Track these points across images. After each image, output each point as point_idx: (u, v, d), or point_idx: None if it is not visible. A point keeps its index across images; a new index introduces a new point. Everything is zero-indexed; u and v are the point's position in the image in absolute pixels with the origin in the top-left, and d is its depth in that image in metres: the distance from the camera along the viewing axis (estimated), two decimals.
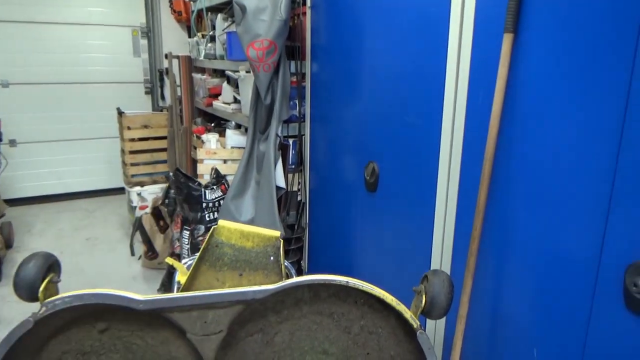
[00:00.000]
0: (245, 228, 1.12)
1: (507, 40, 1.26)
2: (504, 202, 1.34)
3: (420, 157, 1.66)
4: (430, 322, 1.64)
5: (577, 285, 1.18)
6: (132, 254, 3.36)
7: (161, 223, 3.25)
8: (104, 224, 4.29)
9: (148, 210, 3.37)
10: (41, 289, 1.01)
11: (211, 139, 3.08)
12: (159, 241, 3.27)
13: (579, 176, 1.16)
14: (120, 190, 4.67)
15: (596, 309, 1.14)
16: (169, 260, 1.20)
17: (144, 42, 5.00)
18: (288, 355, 1.14)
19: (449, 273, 1.12)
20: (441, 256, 1.57)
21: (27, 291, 1.00)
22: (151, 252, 3.28)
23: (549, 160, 1.22)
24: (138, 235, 3.31)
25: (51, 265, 1.06)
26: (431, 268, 1.63)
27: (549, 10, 1.20)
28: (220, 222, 1.13)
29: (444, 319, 1.59)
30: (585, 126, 1.14)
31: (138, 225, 3.25)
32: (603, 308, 1.12)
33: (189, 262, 1.32)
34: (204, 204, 2.52)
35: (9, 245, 3.56)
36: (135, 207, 3.76)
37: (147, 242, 3.28)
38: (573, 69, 1.16)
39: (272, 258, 1.15)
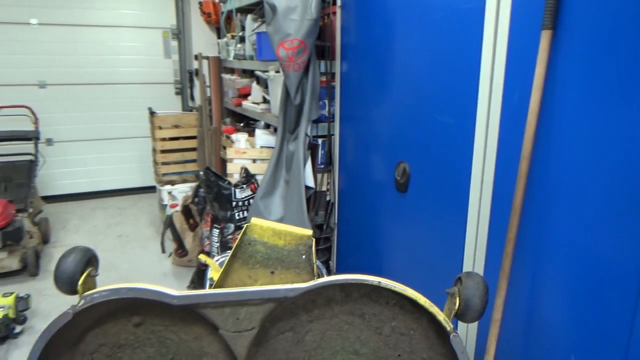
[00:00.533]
0: (277, 226, 1.13)
1: (545, 37, 1.23)
2: (541, 202, 1.31)
3: (453, 156, 1.64)
4: (462, 325, 1.61)
5: (618, 291, 1.13)
6: (163, 251, 3.42)
7: (191, 221, 3.30)
8: (136, 221, 4.39)
9: (178, 208, 3.43)
10: (80, 282, 1.03)
11: (240, 138, 3.10)
12: (188, 239, 3.32)
13: (621, 176, 1.12)
14: (151, 189, 4.77)
15: (639, 317, 1.10)
16: (203, 257, 1.21)
17: (174, 43, 5.09)
18: (319, 354, 1.14)
19: (482, 275, 1.09)
20: (474, 258, 1.54)
21: (66, 284, 1.03)
22: (181, 250, 3.34)
23: (589, 160, 1.19)
24: (168, 233, 3.38)
25: (89, 259, 1.08)
26: (464, 270, 1.60)
27: (588, 6, 1.16)
28: (253, 219, 1.13)
29: (476, 323, 1.56)
30: (627, 125, 1.10)
31: (169, 222, 3.31)
32: None
33: (221, 260, 1.34)
34: (234, 203, 2.55)
35: (45, 240, 3.68)
36: (166, 205, 3.83)
37: (178, 239, 3.33)
38: (613, 67, 1.12)
39: (303, 257, 1.15)
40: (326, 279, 1.05)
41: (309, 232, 1.13)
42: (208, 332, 1.14)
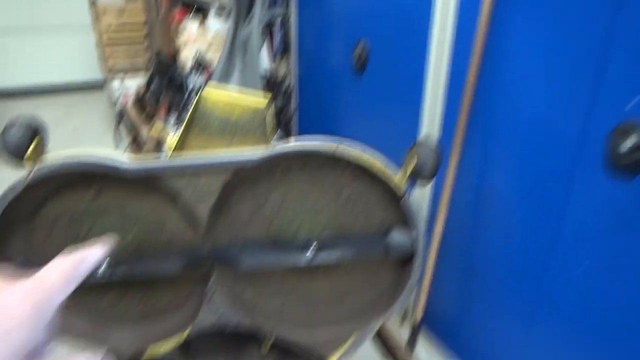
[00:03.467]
0: (231, 96, 1.10)
1: None
2: (496, 73, 1.32)
3: (411, 32, 1.60)
4: (417, 193, 1.69)
5: (560, 154, 1.21)
6: (117, 145, 3.34)
7: (146, 112, 3.19)
8: (87, 118, 4.21)
9: (131, 100, 3.29)
10: (28, 153, 0.99)
11: (191, 26, 2.92)
12: (144, 131, 3.23)
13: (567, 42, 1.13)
14: (100, 86, 4.52)
15: (579, 173, 1.18)
16: (157, 125, 1.18)
17: None
18: (280, 218, 1.18)
19: (436, 139, 1.13)
20: (430, 129, 1.57)
21: (13, 156, 0.98)
22: (137, 143, 3.26)
23: (544, 23, 1.19)
24: (122, 128, 3.27)
25: (37, 129, 1.03)
26: None
27: None
28: (207, 89, 1.10)
29: (429, 190, 1.64)
30: None
31: (121, 115, 3.19)
32: (584, 173, 1.16)
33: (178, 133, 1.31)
34: (189, 88, 2.46)
35: None
36: (118, 98, 3.67)
37: (132, 132, 3.24)
38: None
39: (260, 126, 1.14)
40: (284, 146, 1.05)
41: (265, 100, 1.11)
42: (167, 200, 1.15)
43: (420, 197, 1.69)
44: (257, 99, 1.11)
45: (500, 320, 1.50)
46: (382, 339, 1.84)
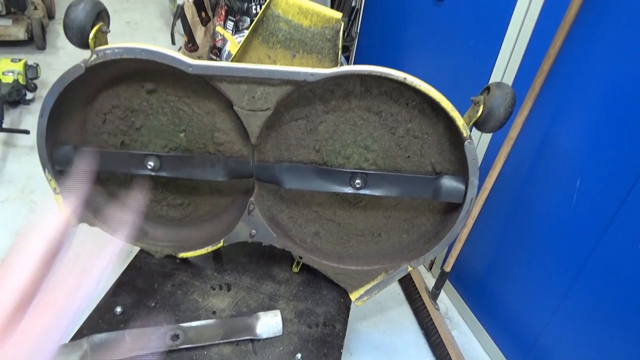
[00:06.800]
0: (305, 3, 1.02)
1: None
2: (596, 22, 1.18)
3: None
4: (475, 138, 1.61)
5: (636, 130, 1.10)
6: (173, 42, 3.29)
7: (203, 14, 3.11)
8: (144, 10, 4.15)
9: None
10: (91, 35, 0.97)
11: None
12: (199, 33, 3.17)
13: None
14: None
15: None
16: (220, 30, 1.13)
17: None
18: (329, 145, 1.15)
19: (512, 87, 1.04)
20: (504, 71, 1.45)
21: (77, 35, 0.97)
22: (191, 44, 3.21)
23: None
24: (179, 26, 3.20)
25: (100, 13, 1.00)
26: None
27: None
28: None
29: (489, 138, 1.56)
30: None
31: (180, 13, 3.11)
32: None
33: (239, 39, 1.26)
34: None
35: (50, 15, 3.52)
36: None
37: (189, 32, 3.18)
38: None
39: (331, 40, 1.07)
40: (350, 67, 0.99)
41: (339, 14, 1.03)
42: (222, 108, 1.12)
43: (477, 144, 1.61)
44: (332, 11, 1.03)
45: (534, 286, 1.47)
46: (407, 281, 1.85)
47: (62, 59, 3.12)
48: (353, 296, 1.27)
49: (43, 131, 1.05)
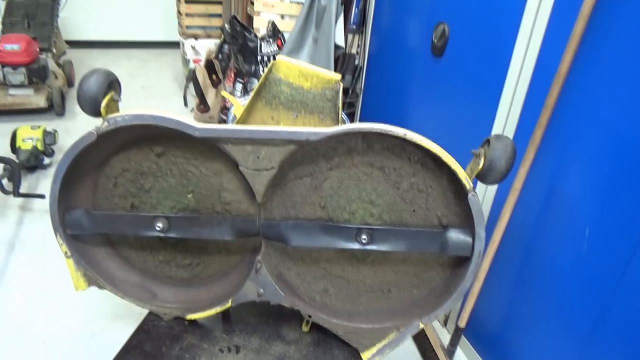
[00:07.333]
0: (304, 66, 1.07)
1: None
2: (591, 70, 1.20)
3: (497, 15, 1.49)
4: (479, 190, 1.61)
5: None
6: (185, 104, 3.42)
7: (214, 77, 3.24)
8: (159, 74, 4.34)
9: (201, 63, 3.35)
10: (103, 104, 1.02)
11: None
12: (210, 95, 3.29)
13: None
14: (175, 45, 4.64)
15: None
16: (224, 94, 1.18)
17: None
18: (334, 201, 1.16)
19: (512, 139, 1.05)
20: (505, 125, 1.47)
21: (90, 104, 1.02)
22: (203, 105, 3.33)
23: None
24: (191, 88, 3.34)
25: (112, 83, 1.06)
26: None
27: None
28: (279, 58, 1.07)
29: (494, 189, 1.55)
30: None
31: (192, 77, 3.26)
32: None
33: (244, 102, 1.31)
34: (259, 57, 2.46)
35: (70, 83, 3.69)
36: (189, 59, 3.75)
37: (200, 95, 3.31)
38: None
39: (331, 100, 1.11)
40: (351, 125, 1.01)
41: (338, 76, 1.07)
42: (228, 168, 1.15)
43: (482, 196, 1.60)
44: (331, 73, 1.07)
45: (553, 335, 1.41)
46: (422, 338, 1.80)
47: (80, 124, 3.25)
48: (365, 356, 1.24)
49: (55, 197, 1.08)
